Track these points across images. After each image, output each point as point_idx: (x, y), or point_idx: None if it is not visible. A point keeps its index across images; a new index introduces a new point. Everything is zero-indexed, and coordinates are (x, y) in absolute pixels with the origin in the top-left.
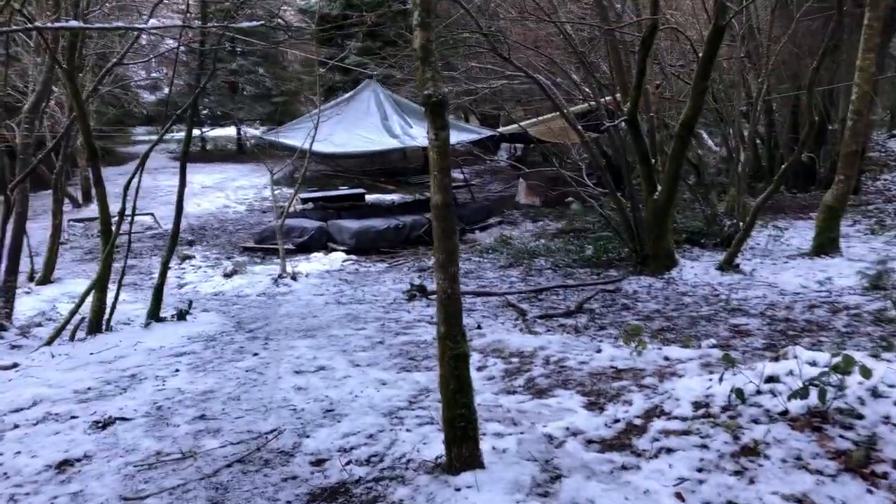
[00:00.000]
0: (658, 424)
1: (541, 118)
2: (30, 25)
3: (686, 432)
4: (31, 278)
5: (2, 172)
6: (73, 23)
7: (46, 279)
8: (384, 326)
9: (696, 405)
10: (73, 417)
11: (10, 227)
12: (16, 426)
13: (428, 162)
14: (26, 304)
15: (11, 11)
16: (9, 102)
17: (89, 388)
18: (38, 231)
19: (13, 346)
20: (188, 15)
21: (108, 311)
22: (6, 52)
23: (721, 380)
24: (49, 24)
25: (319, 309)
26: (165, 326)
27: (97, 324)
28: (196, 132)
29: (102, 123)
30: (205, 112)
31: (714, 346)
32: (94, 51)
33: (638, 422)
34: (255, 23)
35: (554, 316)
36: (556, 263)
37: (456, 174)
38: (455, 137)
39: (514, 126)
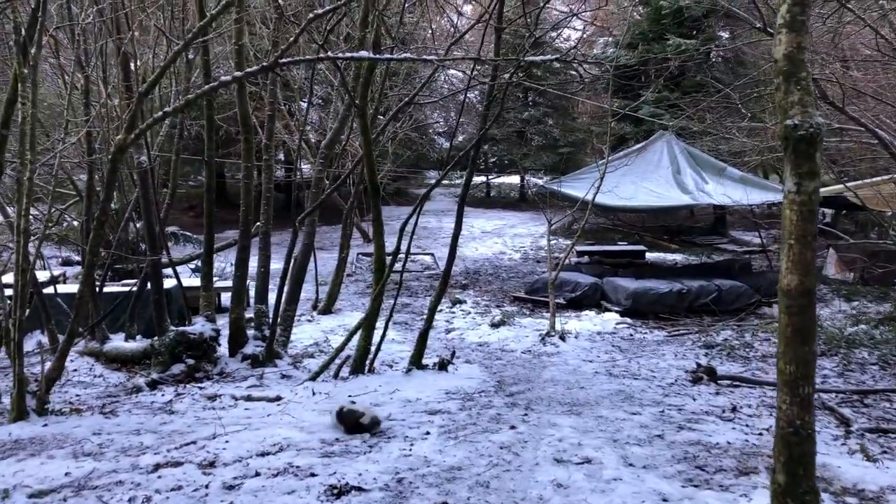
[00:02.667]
0: None
1: (867, 181)
2: (323, 55)
3: None
4: (314, 307)
5: (298, 203)
6: (364, 53)
7: (328, 309)
8: (664, 414)
9: None
10: (312, 475)
11: (294, 256)
12: (257, 474)
13: (718, 221)
14: (305, 333)
15: (318, 48)
16: (320, 141)
17: (336, 440)
18: (329, 261)
19: (283, 376)
20: (481, 52)
21: (373, 351)
22: (310, 87)
23: None
24: (340, 55)
25: (588, 379)
26: (426, 375)
27: (361, 364)
28: (482, 178)
29: (398, 165)
30: (493, 160)
31: None
32: (397, 94)
33: None
34: (548, 57)
35: (890, 431)
36: (885, 359)
37: (749, 237)
38: (759, 196)
39: (831, 188)
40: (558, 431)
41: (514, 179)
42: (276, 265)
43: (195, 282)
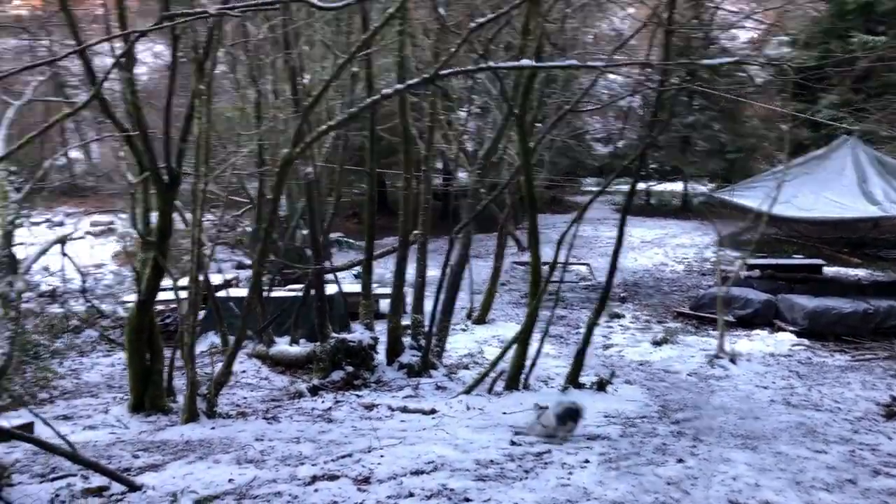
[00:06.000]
0: None
1: None
2: (483, 66)
3: None
4: (468, 316)
5: (454, 213)
6: (525, 62)
7: (482, 319)
8: (854, 455)
9: None
10: (466, 500)
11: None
12: (411, 494)
13: None
14: (460, 342)
15: (478, 57)
16: (477, 150)
17: (492, 462)
18: (484, 270)
19: (438, 387)
20: (649, 57)
21: (528, 366)
22: (469, 97)
23: None
24: (501, 64)
25: (762, 408)
26: (582, 395)
27: (516, 379)
28: (641, 185)
29: (555, 173)
30: (653, 166)
31: None
32: (555, 101)
33: None
34: (725, 59)
35: None
36: None
37: None
38: None
39: None
40: (732, 468)
41: (677, 187)
42: (433, 272)
43: (358, 287)
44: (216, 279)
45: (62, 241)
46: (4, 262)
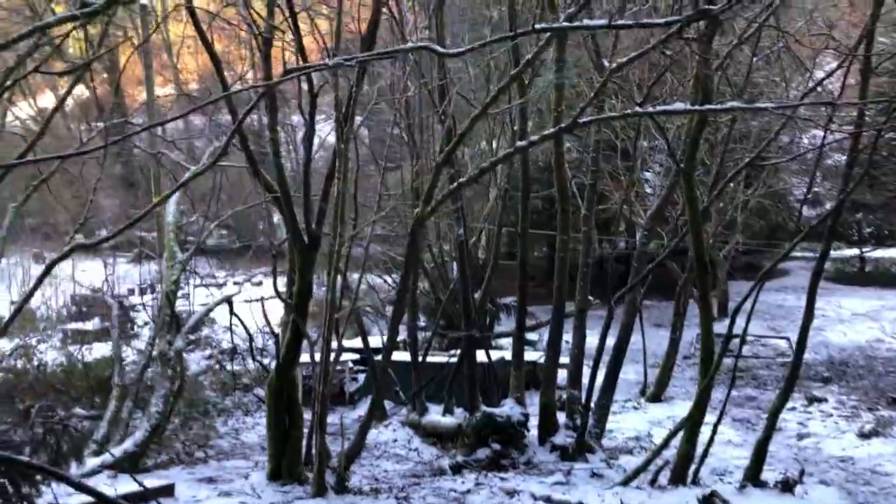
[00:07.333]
0: None
1: None
2: (629, 112)
3: None
4: (642, 392)
5: (622, 279)
6: (679, 105)
7: (657, 396)
8: None
9: None
10: None
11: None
12: None
13: None
14: (628, 422)
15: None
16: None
17: None
18: (666, 340)
19: (593, 475)
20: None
21: (699, 455)
22: (634, 147)
23: None
24: (650, 109)
25: None
26: (764, 497)
27: (683, 470)
28: (854, 251)
29: (749, 236)
30: (869, 230)
31: None
32: (741, 156)
33: None
34: None
35: None
36: None
37: None
38: None
39: None
40: None
41: None
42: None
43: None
44: (375, 342)
45: (229, 301)
46: (167, 320)
